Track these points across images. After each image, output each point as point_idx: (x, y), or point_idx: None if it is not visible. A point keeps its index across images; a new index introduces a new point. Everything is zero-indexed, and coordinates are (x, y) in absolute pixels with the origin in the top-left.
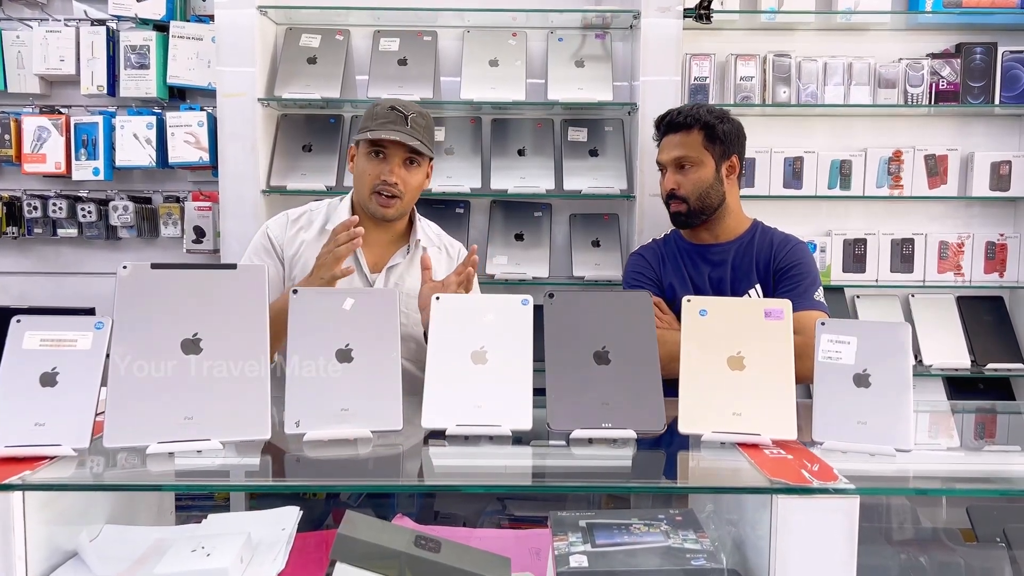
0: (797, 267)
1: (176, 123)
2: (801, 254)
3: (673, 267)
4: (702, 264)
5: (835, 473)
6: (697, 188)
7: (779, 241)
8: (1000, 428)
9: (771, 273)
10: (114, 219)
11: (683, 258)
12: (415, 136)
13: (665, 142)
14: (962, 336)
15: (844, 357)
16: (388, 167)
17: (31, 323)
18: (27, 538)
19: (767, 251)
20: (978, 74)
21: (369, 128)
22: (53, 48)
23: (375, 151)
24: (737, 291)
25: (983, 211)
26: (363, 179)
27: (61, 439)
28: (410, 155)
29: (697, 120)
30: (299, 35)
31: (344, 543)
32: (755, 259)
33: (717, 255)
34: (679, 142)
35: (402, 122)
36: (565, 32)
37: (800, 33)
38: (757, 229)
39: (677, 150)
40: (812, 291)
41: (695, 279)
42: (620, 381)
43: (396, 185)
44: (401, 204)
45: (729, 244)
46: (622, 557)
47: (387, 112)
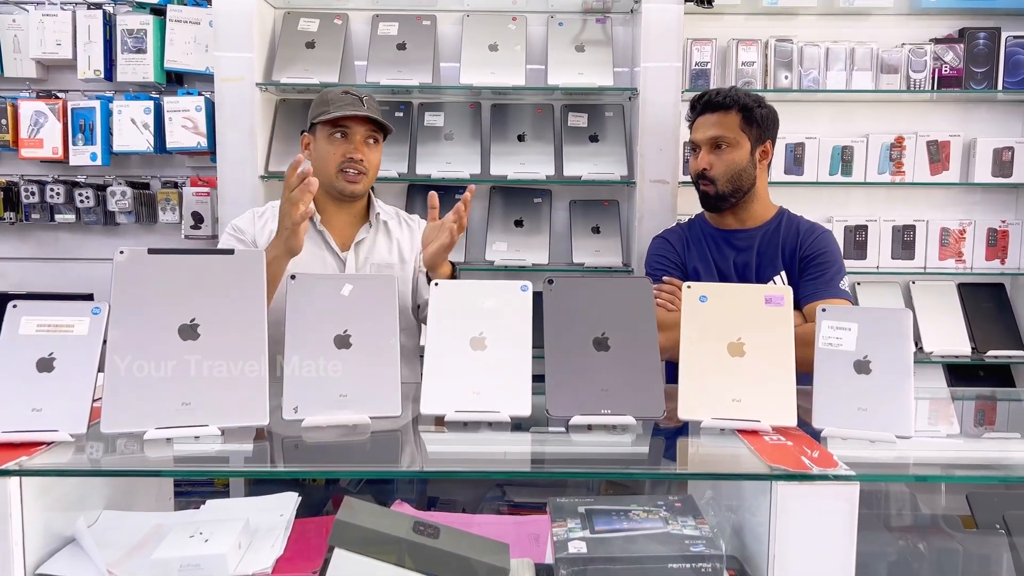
0: (823, 255)
1: (174, 108)
2: (827, 243)
3: (698, 251)
4: (727, 249)
5: (835, 460)
6: (730, 170)
7: (805, 229)
8: (1000, 415)
9: (796, 260)
10: (112, 204)
11: (708, 242)
12: (373, 112)
13: (701, 121)
14: (963, 323)
15: (845, 343)
16: (352, 145)
17: (28, 308)
18: (24, 524)
19: (793, 238)
20: (981, 59)
21: (327, 112)
22: (50, 32)
23: (338, 132)
24: (762, 277)
25: (985, 197)
26: (327, 160)
27: (58, 425)
28: (371, 133)
29: (736, 101)
30: (297, 19)
31: (342, 529)
32: (780, 246)
33: (743, 240)
34: (716, 122)
35: (358, 103)
36: (565, 16)
37: (802, 18)
38: (783, 216)
39: (713, 129)
40: (837, 280)
41: (720, 264)
42: (619, 367)
43: (361, 162)
44: (366, 180)
45: (755, 230)
46: (621, 543)
47: (341, 96)
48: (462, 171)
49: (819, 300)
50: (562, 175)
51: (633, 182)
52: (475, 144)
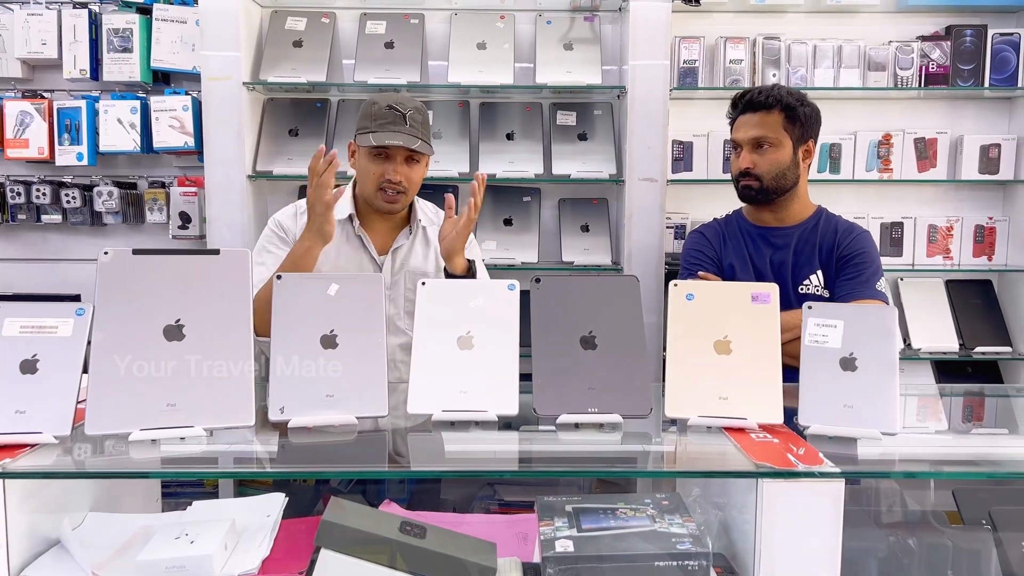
0: (860, 255)
1: (160, 107)
2: (865, 243)
3: (734, 248)
4: (764, 247)
5: (820, 457)
6: (773, 169)
7: (844, 229)
8: (988, 411)
9: (834, 260)
10: (99, 205)
11: (745, 239)
12: (415, 135)
13: (743, 120)
14: (951, 320)
15: (831, 341)
16: (392, 166)
17: (10, 310)
18: (8, 526)
19: (831, 238)
20: (968, 57)
21: (370, 129)
22: (35, 31)
23: (377, 152)
24: (798, 276)
25: (972, 194)
26: (367, 178)
27: (42, 426)
28: (412, 153)
29: (779, 100)
30: (284, 18)
31: (328, 529)
32: (818, 245)
33: (780, 238)
34: (758, 121)
35: (401, 121)
36: (553, 15)
37: (790, 16)
38: (822, 215)
39: (756, 129)
40: (874, 281)
41: (756, 261)
42: (607, 366)
43: (400, 183)
44: (405, 199)
45: (793, 228)
46: (608, 541)
47: (385, 112)
48: (451, 169)
49: (856, 300)
50: (551, 173)
51: (622, 180)
52: (464, 143)
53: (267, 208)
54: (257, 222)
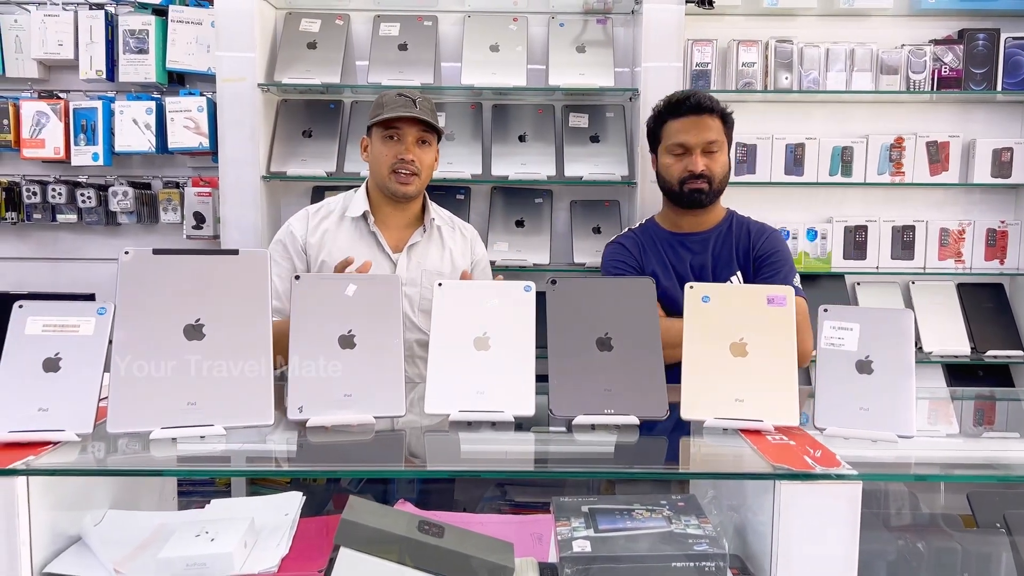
0: (776, 255)
1: (175, 108)
2: (779, 243)
3: (654, 255)
4: (683, 252)
5: (837, 459)
6: (721, 172)
7: (756, 230)
8: (999, 415)
9: (751, 260)
10: (113, 205)
11: (662, 246)
12: (425, 115)
13: (687, 123)
14: (962, 323)
15: (847, 343)
16: (403, 146)
17: (33, 308)
18: (31, 523)
19: (745, 239)
20: (980, 60)
21: (380, 114)
22: (51, 32)
23: (390, 133)
24: (719, 278)
25: (984, 198)
26: (380, 161)
27: (64, 424)
28: (422, 135)
29: (716, 105)
30: (299, 20)
31: (348, 528)
32: (735, 247)
33: (697, 243)
34: (707, 125)
35: (411, 105)
36: (566, 17)
37: (802, 19)
38: (733, 218)
39: (708, 133)
40: (791, 277)
41: (676, 267)
42: (622, 367)
43: (413, 162)
44: (419, 181)
45: (709, 232)
46: (624, 542)
47: (395, 98)
48: (463, 171)
49: None
50: (563, 175)
51: (634, 182)
52: (476, 144)
53: (280, 209)
54: (271, 222)
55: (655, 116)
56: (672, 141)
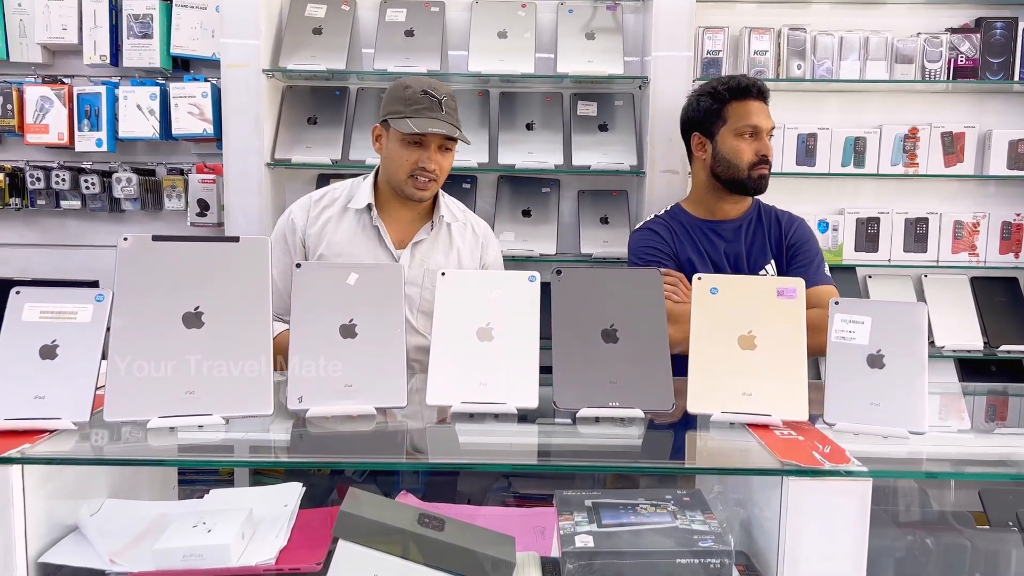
0: (807, 244)
1: (180, 94)
2: (809, 232)
3: (688, 242)
4: (716, 240)
5: (847, 455)
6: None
7: (785, 219)
8: (1012, 411)
9: (783, 250)
10: (117, 191)
11: (695, 233)
12: (452, 122)
13: (756, 106)
14: (975, 317)
15: (858, 337)
16: (427, 154)
17: (31, 295)
18: (27, 512)
19: (776, 228)
20: (998, 50)
21: (404, 114)
22: (55, 16)
23: (412, 139)
24: (754, 267)
25: (999, 190)
26: (399, 164)
27: (61, 412)
28: (445, 141)
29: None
30: (304, 5)
31: (346, 520)
32: (767, 235)
33: (730, 231)
34: (768, 111)
35: (437, 107)
36: (575, 4)
37: (816, 6)
38: (759, 206)
39: (770, 119)
40: (823, 267)
41: (712, 255)
42: (628, 359)
43: (434, 171)
44: (436, 186)
45: (739, 220)
46: (628, 537)
47: (421, 97)
48: (470, 160)
49: (813, 287)
50: (571, 164)
51: (643, 172)
52: (483, 132)
53: (285, 196)
54: (275, 210)
55: (712, 97)
56: (744, 122)
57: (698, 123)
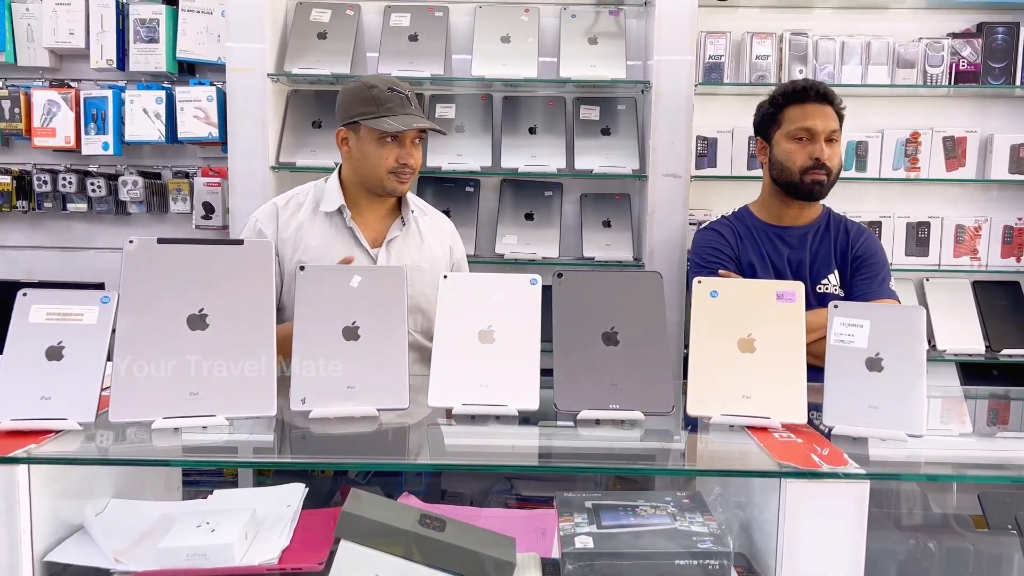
0: (874, 256)
1: (185, 98)
2: (877, 244)
3: (752, 246)
4: (780, 245)
5: (845, 458)
6: (838, 164)
7: (855, 230)
8: (1013, 415)
9: (848, 261)
10: (123, 194)
11: (760, 238)
12: (423, 116)
13: (812, 109)
14: (977, 321)
15: (857, 340)
16: (405, 149)
17: (37, 296)
18: (32, 512)
19: (843, 238)
20: (999, 54)
21: (378, 114)
22: (63, 21)
23: (389, 136)
24: (817, 276)
25: (1001, 195)
26: (376, 163)
27: (67, 413)
28: (419, 134)
29: (835, 98)
30: (309, 10)
31: (348, 521)
32: (832, 245)
33: (795, 238)
34: (830, 114)
35: (407, 103)
36: (578, 8)
37: (818, 11)
38: (829, 215)
39: (831, 122)
40: (888, 281)
41: (775, 260)
42: (628, 362)
43: (413, 164)
44: (413, 178)
45: (807, 227)
46: (628, 539)
47: (390, 95)
48: (473, 163)
49: (873, 300)
50: (573, 168)
51: (645, 176)
52: (486, 136)
53: None
54: None
55: (772, 103)
56: (797, 125)
57: (759, 127)
